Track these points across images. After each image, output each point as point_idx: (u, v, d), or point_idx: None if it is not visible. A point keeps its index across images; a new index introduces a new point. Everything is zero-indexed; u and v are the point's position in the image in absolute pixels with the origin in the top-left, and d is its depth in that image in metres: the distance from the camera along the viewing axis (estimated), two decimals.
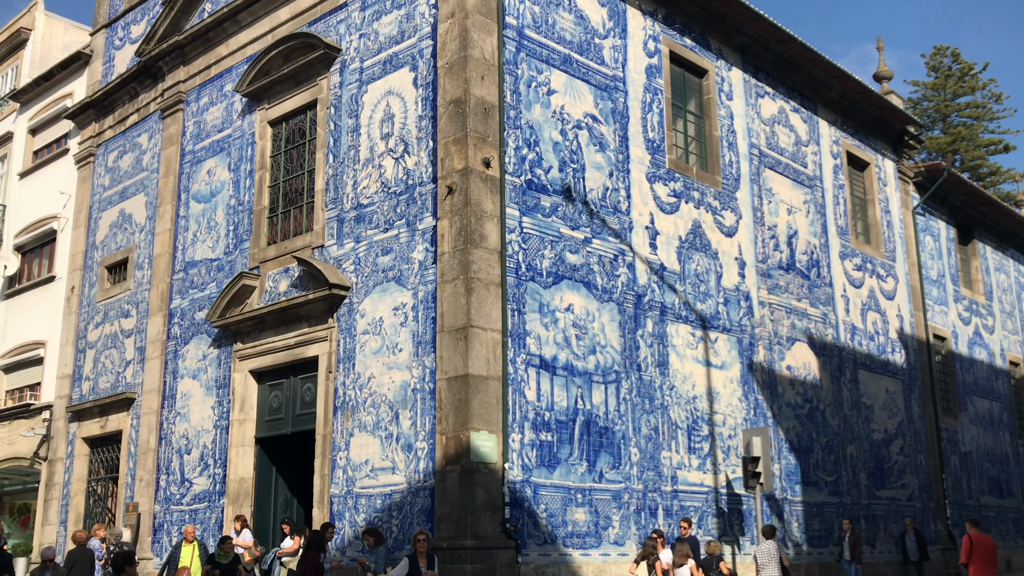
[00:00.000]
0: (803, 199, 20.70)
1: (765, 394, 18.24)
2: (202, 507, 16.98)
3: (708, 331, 17.26)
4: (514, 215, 14.20)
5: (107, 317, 20.58)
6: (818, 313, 20.31)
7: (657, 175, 17.02)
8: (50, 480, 20.69)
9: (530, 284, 14.17)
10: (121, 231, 20.86)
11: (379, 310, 14.51)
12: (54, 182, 23.56)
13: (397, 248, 14.49)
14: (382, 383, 14.19)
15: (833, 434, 19.86)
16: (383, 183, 14.99)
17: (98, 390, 20.25)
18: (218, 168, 18.52)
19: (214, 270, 18.00)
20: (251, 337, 16.65)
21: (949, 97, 46.85)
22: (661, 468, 15.58)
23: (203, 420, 17.37)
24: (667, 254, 16.80)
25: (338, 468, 14.57)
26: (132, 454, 18.86)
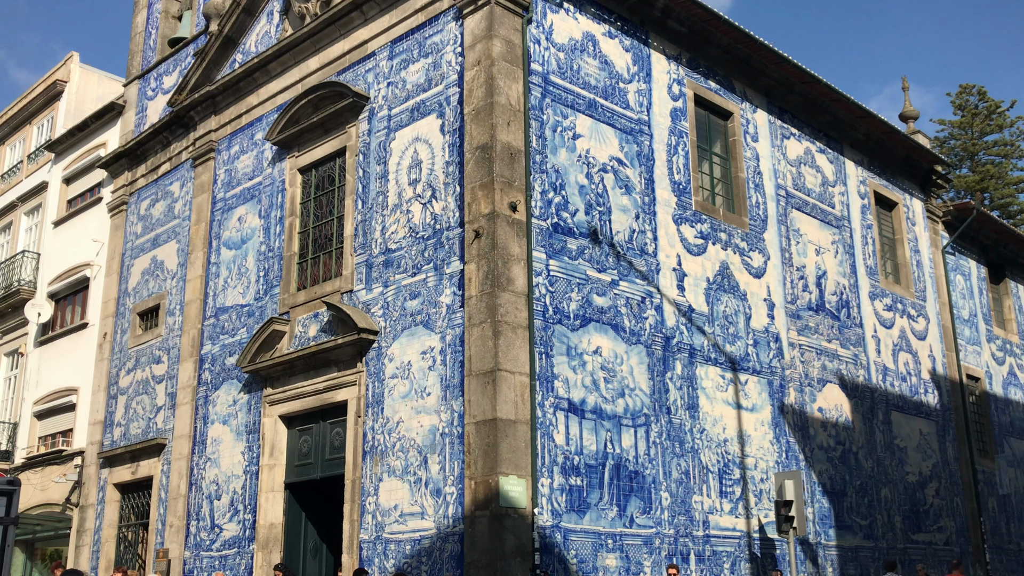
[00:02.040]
0: (831, 239, 20.63)
1: (797, 436, 18.05)
2: (232, 553, 16.98)
3: (738, 373, 17.15)
4: (541, 258, 14.25)
5: (139, 363, 20.78)
6: (849, 354, 20.14)
7: (684, 217, 17.05)
8: (81, 526, 20.78)
9: (557, 327, 14.18)
10: (153, 278, 21.12)
11: (407, 354, 14.56)
12: (87, 230, 23.95)
13: (425, 292, 14.58)
14: (411, 427, 14.20)
15: (867, 477, 19.59)
16: (411, 228, 15.12)
17: (129, 436, 20.39)
18: (249, 215, 18.76)
19: (244, 316, 18.16)
20: (281, 382, 16.74)
21: (976, 135, 46.66)
22: (692, 513, 15.42)
23: (233, 465, 17.42)
24: (695, 296, 16.77)
25: (367, 513, 14.54)
26: (163, 500, 18.92)
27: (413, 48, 16.04)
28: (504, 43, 14.63)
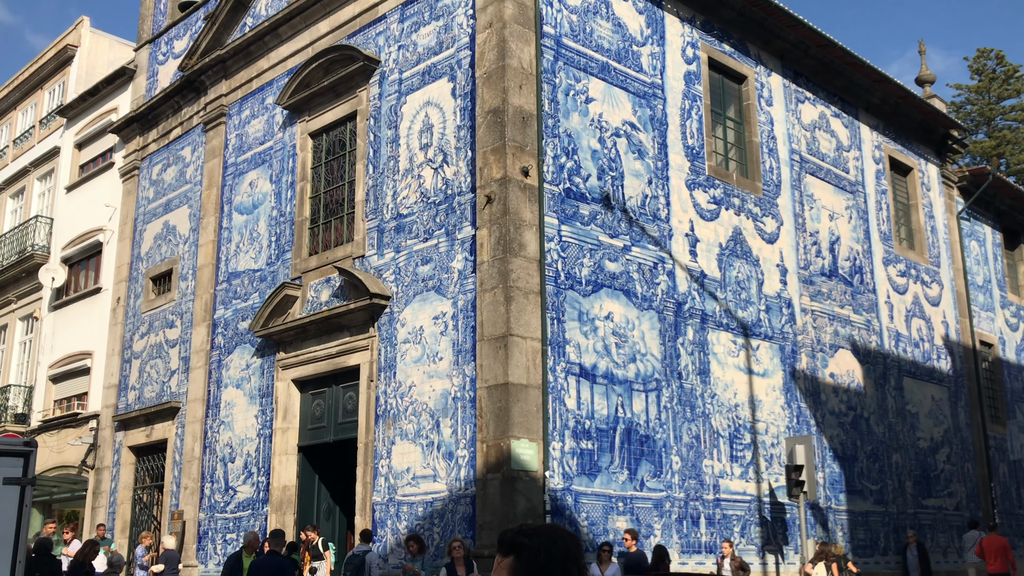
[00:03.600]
0: (845, 205, 20.50)
1: (808, 402, 18.05)
2: (246, 515, 17.15)
3: (750, 339, 17.13)
4: (553, 223, 14.21)
5: (152, 328, 20.89)
6: (861, 320, 20.08)
7: (697, 182, 16.95)
8: (97, 488, 21.02)
9: (569, 292, 14.17)
10: (165, 243, 21.17)
11: (419, 319, 14.59)
12: (100, 195, 23.99)
13: (437, 257, 14.57)
14: (423, 391, 14.26)
15: (878, 442, 19.61)
16: (422, 193, 15.08)
17: (144, 399, 20.55)
18: (260, 180, 18.74)
19: (257, 280, 18.21)
20: (293, 346, 16.81)
21: (993, 100, 46.15)
22: (703, 476, 15.48)
23: (247, 429, 17.56)
24: (707, 261, 16.72)
25: (380, 476, 14.65)
26: (177, 462, 19.10)
27: (424, 11, 15.91)
28: (516, 5, 14.49)
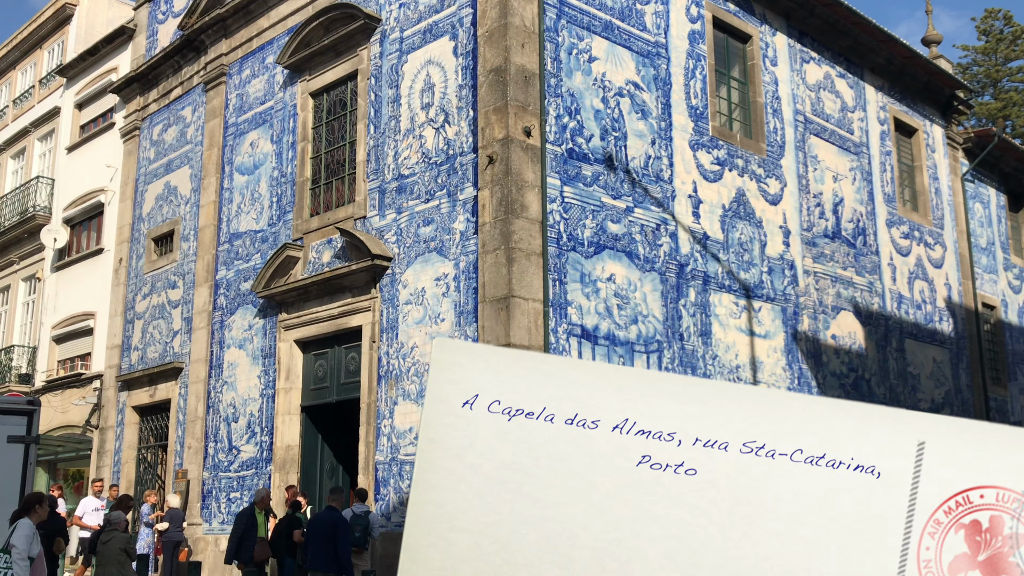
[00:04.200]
0: (849, 166, 20.39)
1: (809, 363, 18.09)
2: (249, 474, 17.28)
3: (752, 300, 17.13)
4: (555, 184, 14.16)
5: (154, 288, 20.92)
6: (864, 282, 20.06)
7: (700, 143, 16.85)
8: (102, 448, 21.17)
9: (571, 254, 14.14)
10: (167, 203, 21.13)
11: (421, 280, 14.59)
12: (101, 156, 23.90)
13: (438, 219, 14.53)
14: (424, 352, 14.29)
15: (879, 403, 19.63)
16: (424, 153, 15.01)
17: (147, 360, 20.63)
18: (261, 140, 18.66)
19: (258, 241, 18.19)
20: (295, 307, 16.84)
21: (1000, 61, 45.73)
22: None
23: (249, 389, 17.63)
24: (710, 223, 16.67)
25: (383, 436, 14.73)
26: (181, 422, 19.22)
27: None
28: None
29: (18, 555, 8.71)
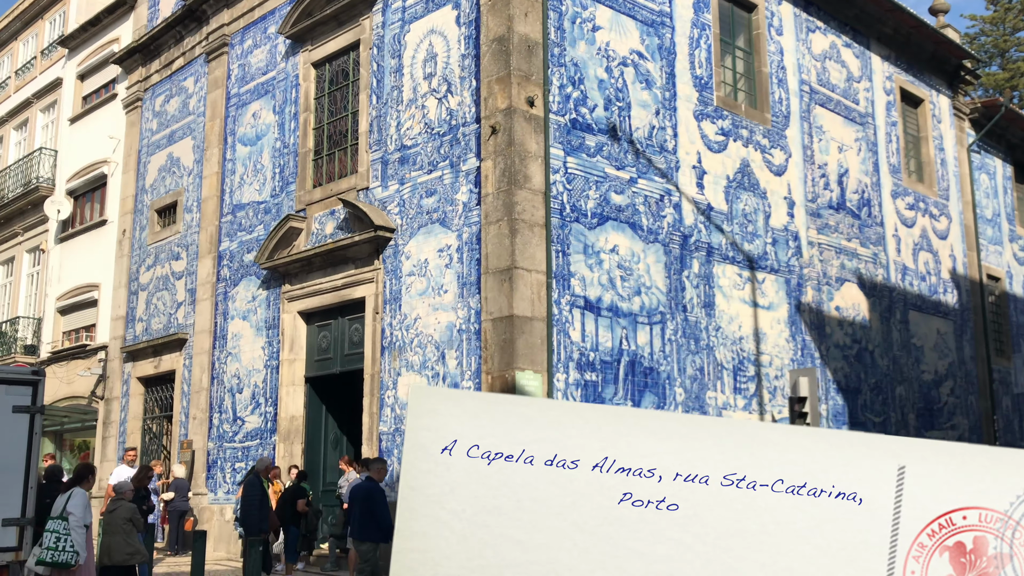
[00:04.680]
0: (855, 137, 20.27)
1: (813, 335, 18.09)
2: (254, 444, 17.37)
3: (756, 271, 17.10)
4: (558, 155, 14.10)
5: (158, 260, 20.93)
6: (868, 253, 20.01)
7: (705, 113, 16.75)
8: (107, 418, 21.28)
9: (574, 225, 14.11)
10: (170, 175, 21.10)
11: (424, 252, 14.57)
12: (103, 127, 23.84)
13: (441, 190, 14.49)
14: (428, 324, 14.31)
15: (882, 375, 19.68)
16: (426, 124, 14.94)
17: (151, 331, 20.68)
18: (263, 111, 18.58)
19: (261, 212, 18.17)
20: (299, 279, 16.84)
21: (1008, 31, 45.30)
22: (706, 408, 15.59)
23: (254, 360, 17.68)
24: (714, 194, 16.61)
25: (386, 406, 14.78)
26: (185, 393, 19.30)
27: None
28: None
29: (76, 522, 8.96)
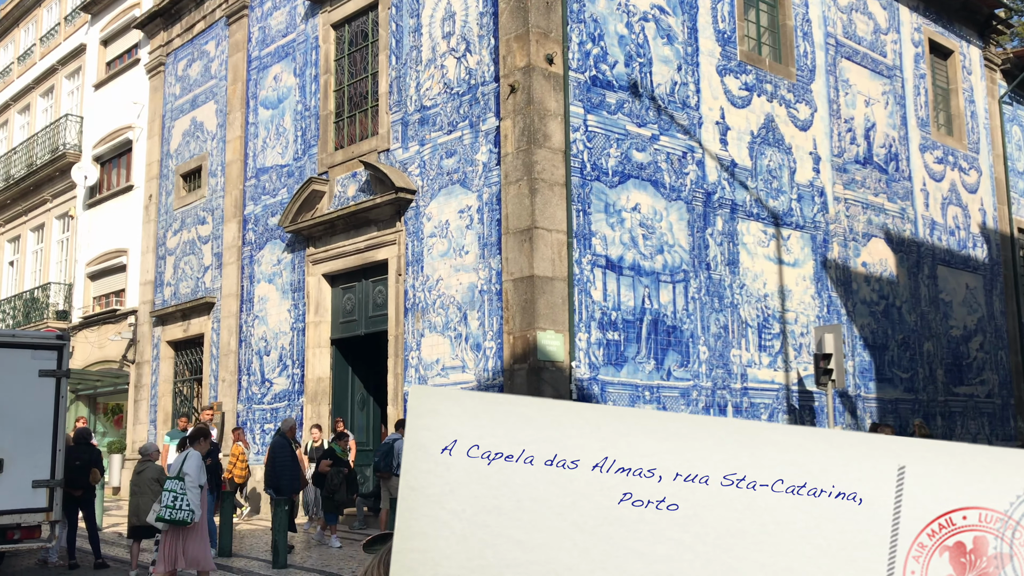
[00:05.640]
0: (882, 90, 19.94)
1: (839, 291, 17.95)
2: (282, 406, 17.59)
3: (780, 228, 16.96)
4: (578, 113, 13.99)
5: (184, 224, 21.10)
6: (896, 208, 19.76)
7: (728, 68, 16.53)
8: (138, 382, 21.61)
9: (595, 184, 14.03)
10: (194, 139, 21.19)
11: (445, 213, 14.58)
12: (128, 92, 23.95)
13: (461, 150, 14.45)
14: (450, 285, 14.35)
15: (910, 331, 19.52)
16: (445, 84, 14.87)
17: (179, 295, 20.91)
18: (284, 74, 18.57)
19: (284, 176, 18.23)
20: (323, 241, 16.92)
21: None
22: (731, 366, 15.56)
23: (280, 323, 17.85)
24: (738, 150, 16.44)
25: (411, 367, 14.89)
26: (214, 356, 19.53)
27: None
28: None
29: (191, 483, 9.31)
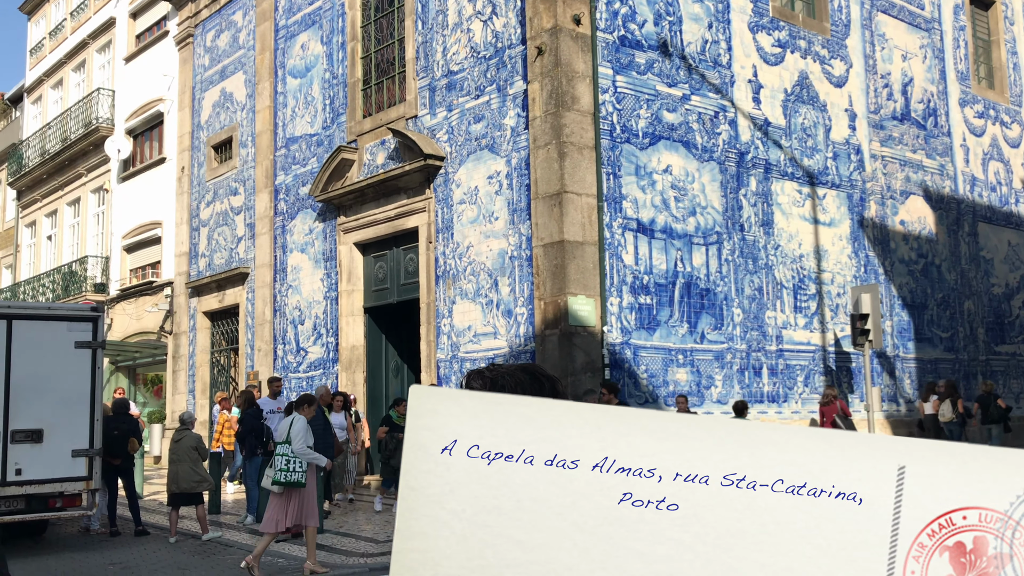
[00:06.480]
0: (919, 44, 19.45)
1: (876, 250, 17.65)
2: (317, 374, 17.70)
3: (816, 187, 16.67)
4: (607, 74, 13.78)
5: (217, 195, 21.19)
6: (935, 165, 19.34)
7: (760, 24, 16.19)
8: (176, 352, 21.85)
9: (625, 146, 13.85)
10: (224, 110, 21.22)
11: (474, 179, 14.48)
12: (157, 65, 24.01)
13: (489, 115, 14.31)
14: (480, 251, 14.28)
15: (949, 289, 19.18)
16: (472, 48, 14.71)
17: (214, 266, 21.05)
18: (311, 42, 18.49)
19: (314, 145, 18.21)
20: (353, 210, 16.91)
21: None
22: (765, 328, 15.39)
23: (313, 292, 17.92)
24: (771, 108, 16.14)
25: (443, 334, 14.89)
26: (250, 326, 19.68)
27: None
28: None
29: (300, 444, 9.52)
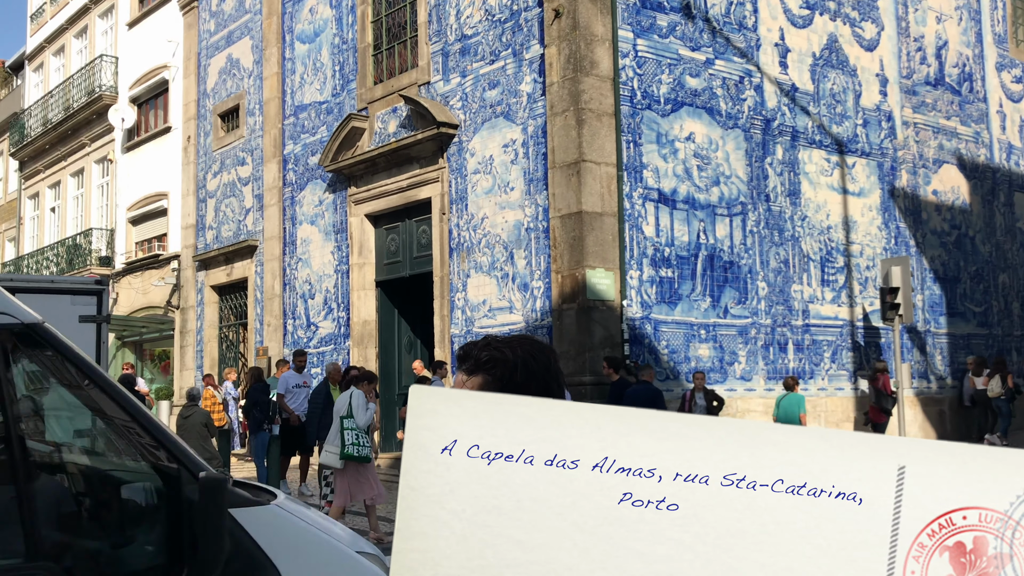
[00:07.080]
0: (954, 5, 18.62)
1: (908, 222, 16.96)
2: (328, 349, 17.21)
3: (845, 156, 15.97)
4: (627, 38, 13.10)
5: (224, 166, 20.63)
6: (969, 132, 18.57)
7: None
8: (184, 327, 21.40)
9: (646, 113, 13.19)
10: (230, 77, 20.60)
11: (489, 148, 13.87)
12: (161, 30, 23.38)
13: (504, 81, 13.67)
14: (495, 223, 13.70)
15: (983, 262, 18.48)
16: (487, 10, 14.03)
17: (221, 239, 20.54)
18: (320, 5, 17.83)
19: (323, 113, 17.60)
20: (364, 181, 16.33)
21: None
22: (791, 302, 14.77)
23: (324, 265, 17.39)
24: (799, 73, 15.42)
25: (457, 309, 14.36)
26: (259, 300, 19.19)
27: None
28: None
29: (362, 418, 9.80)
